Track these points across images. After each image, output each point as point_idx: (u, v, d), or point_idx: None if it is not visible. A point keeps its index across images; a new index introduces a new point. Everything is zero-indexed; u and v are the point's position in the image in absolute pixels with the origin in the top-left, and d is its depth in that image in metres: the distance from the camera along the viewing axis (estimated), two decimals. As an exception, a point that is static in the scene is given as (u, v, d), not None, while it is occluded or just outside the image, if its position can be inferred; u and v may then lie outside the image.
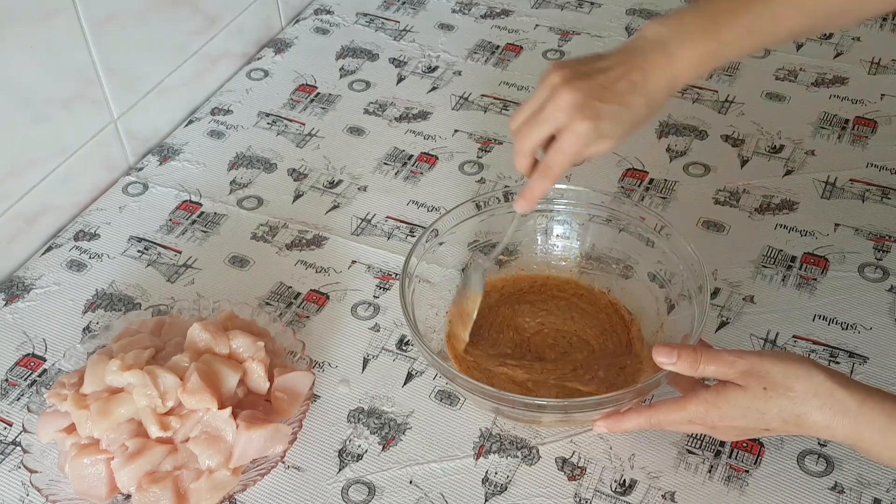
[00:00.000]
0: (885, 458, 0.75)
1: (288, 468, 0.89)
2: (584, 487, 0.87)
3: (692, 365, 0.78)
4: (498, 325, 0.99)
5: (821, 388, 0.74)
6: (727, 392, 0.77)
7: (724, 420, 0.78)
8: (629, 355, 0.96)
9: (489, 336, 0.98)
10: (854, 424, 0.74)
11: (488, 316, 1.00)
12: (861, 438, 0.74)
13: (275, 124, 1.28)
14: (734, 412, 0.77)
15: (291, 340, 0.96)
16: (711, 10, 0.85)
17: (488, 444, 0.90)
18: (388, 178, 1.19)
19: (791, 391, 0.75)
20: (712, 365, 0.78)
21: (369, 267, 1.08)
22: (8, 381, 0.97)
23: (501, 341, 0.98)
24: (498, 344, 0.97)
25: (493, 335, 0.98)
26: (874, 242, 1.08)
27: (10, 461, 0.90)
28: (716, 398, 0.78)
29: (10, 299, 1.06)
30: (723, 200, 1.14)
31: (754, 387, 0.76)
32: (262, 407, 0.89)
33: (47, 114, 1.09)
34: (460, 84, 1.34)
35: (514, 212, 0.92)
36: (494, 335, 0.98)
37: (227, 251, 1.11)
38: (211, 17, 1.30)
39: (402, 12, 1.48)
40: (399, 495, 0.87)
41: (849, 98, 1.27)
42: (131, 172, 1.22)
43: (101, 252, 1.11)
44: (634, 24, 1.43)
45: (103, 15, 1.12)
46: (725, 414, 0.78)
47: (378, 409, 0.94)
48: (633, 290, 1.01)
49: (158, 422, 0.84)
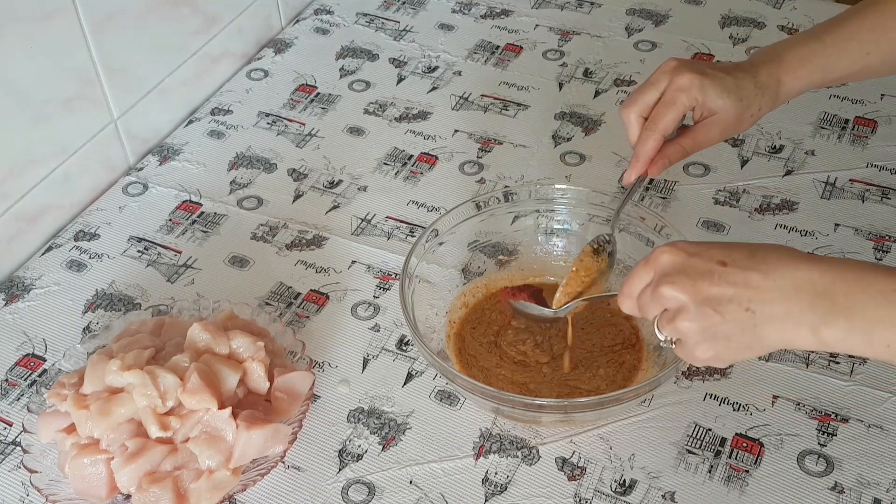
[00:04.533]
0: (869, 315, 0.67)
1: (288, 468, 0.89)
2: (584, 487, 0.87)
3: None
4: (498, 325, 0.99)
5: None
6: None
7: (675, 268, 0.71)
8: (631, 350, 0.96)
9: (489, 333, 0.98)
10: (827, 265, 0.68)
11: (489, 314, 1.00)
12: (834, 282, 0.67)
13: (275, 124, 1.28)
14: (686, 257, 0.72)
15: (291, 340, 0.96)
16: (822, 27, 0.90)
17: (488, 444, 0.90)
18: (388, 178, 1.19)
19: None
20: None
21: (369, 267, 1.08)
22: (8, 381, 0.97)
23: (501, 341, 0.98)
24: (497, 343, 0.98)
25: (492, 333, 0.99)
26: (874, 242, 1.08)
27: (10, 461, 0.90)
28: None
29: (10, 299, 1.06)
30: (723, 200, 1.14)
31: None
32: (262, 407, 0.89)
33: (47, 114, 1.09)
34: (460, 84, 1.34)
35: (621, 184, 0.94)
36: (494, 333, 0.98)
37: (227, 251, 1.11)
38: (211, 17, 1.30)
39: (402, 12, 1.48)
40: (399, 495, 0.87)
41: (849, 98, 1.27)
42: (131, 172, 1.22)
43: (101, 252, 1.11)
44: (634, 25, 1.43)
45: (103, 15, 1.12)
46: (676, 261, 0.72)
47: (378, 409, 0.94)
48: (633, 290, 1.01)
49: (158, 422, 0.84)
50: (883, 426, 0.90)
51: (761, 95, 0.88)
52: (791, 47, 0.90)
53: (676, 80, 0.86)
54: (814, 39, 0.90)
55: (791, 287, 0.68)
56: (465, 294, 1.03)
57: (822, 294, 0.67)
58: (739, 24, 1.42)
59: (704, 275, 0.70)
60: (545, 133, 1.25)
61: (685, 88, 0.86)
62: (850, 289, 0.67)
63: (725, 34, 1.40)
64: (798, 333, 0.68)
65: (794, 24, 1.41)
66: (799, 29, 1.40)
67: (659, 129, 0.88)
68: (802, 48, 0.90)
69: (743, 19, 1.43)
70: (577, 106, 1.29)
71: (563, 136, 1.24)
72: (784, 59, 0.89)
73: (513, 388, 0.93)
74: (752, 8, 1.45)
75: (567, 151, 1.22)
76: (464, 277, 1.04)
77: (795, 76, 0.89)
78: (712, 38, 1.39)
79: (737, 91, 0.87)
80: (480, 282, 1.04)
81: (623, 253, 1.02)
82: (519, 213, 1.04)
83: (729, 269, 0.70)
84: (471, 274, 1.04)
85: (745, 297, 0.69)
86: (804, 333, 0.68)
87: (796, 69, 0.89)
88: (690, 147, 0.90)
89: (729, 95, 0.87)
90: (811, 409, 0.92)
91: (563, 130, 1.25)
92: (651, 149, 0.88)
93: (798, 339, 0.69)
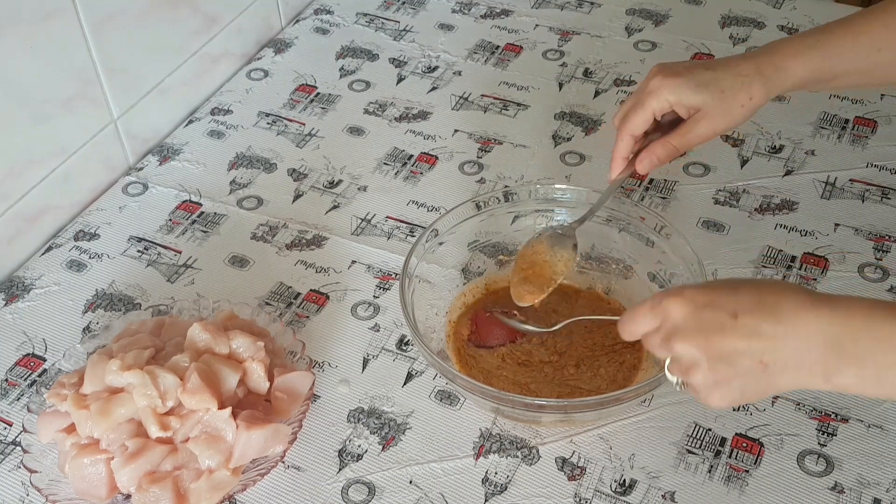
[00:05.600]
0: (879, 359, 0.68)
1: (288, 468, 0.89)
2: (584, 487, 0.87)
3: None
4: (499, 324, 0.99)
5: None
6: None
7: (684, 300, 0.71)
8: (631, 349, 0.96)
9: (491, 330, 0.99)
10: (834, 310, 0.69)
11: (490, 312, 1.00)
12: (845, 328, 0.68)
13: (275, 124, 1.28)
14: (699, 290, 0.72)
15: (291, 340, 0.96)
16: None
17: (488, 444, 0.90)
18: (388, 178, 1.19)
19: None
20: None
21: (369, 267, 1.08)
22: (8, 381, 0.97)
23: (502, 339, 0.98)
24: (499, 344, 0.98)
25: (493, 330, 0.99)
26: (874, 242, 1.08)
27: (10, 461, 0.90)
28: None
29: (10, 299, 1.06)
30: (723, 200, 1.14)
31: None
32: (262, 407, 0.89)
33: (47, 114, 1.09)
34: (460, 84, 1.34)
35: None
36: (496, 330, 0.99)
37: (227, 251, 1.11)
38: (211, 17, 1.30)
39: (402, 12, 1.48)
40: (399, 495, 0.87)
41: (849, 98, 1.27)
42: (131, 172, 1.22)
43: (101, 252, 1.11)
44: (634, 25, 1.43)
45: (103, 15, 1.12)
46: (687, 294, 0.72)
47: (378, 409, 0.94)
48: (633, 290, 1.01)
49: (158, 422, 0.84)
50: (883, 426, 0.90)
51: (748, 84, 0.88)
52: (792, 38, 0.91)
53: (648, 84, 0.90)
54: (819, 31, 0.90)
55: (803, 335, 0.68)
56: (465, 294, 1.03)
57: (831, 343, 0.68)
58: (739, 24, 1.42)
59: (717, 330, 0.69)
60: (545, 133, 1.25)
61: (654, 91, 0.88)
62: (859, 335, 0.67)
63: (725, 34, 1.40)
64: (811, 380, 0.69)
65: (794, 24, 1.41)
66: (799, 29, 1.40)
67: (627, 130, 0.91)
68: (806, 37, 0.89)
69: (743, 19, 1.43)
70: (577, 106, 1.29)
71: (563, 136, 1.24)
72: (781, 47, 0.89)
73: (513, 389, 0.93)
74: (752, 8, 1.45)
75: (567, 151, 1.22)
76: (464, 277, 1.04)
77: (795, 62, 0.88)
78: (712, 38, 1.39)
79: (714, 83, 0.87)
80: (480, 282, 1.04)
81: (623, 253, 1.02)
82: (519, 213, 1.04)
83: (740, 320, 0.69)
84: (471, 274, 1.04)
85: (759, 349, 0.69)
86: (818, 381, 0.69)
87: (795, 56, 0.88)
88: (680, 144, 0.90)
89: (706, 89, 0.87)
90: (811, 409, 0.92)
91: (563, 130, 1.25)
92: (622, 148, 0.93)
93: (812, 384, 0.70)
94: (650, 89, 0.89)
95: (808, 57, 0.89)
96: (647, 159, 0.92)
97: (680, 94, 0.88)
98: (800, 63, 0.88)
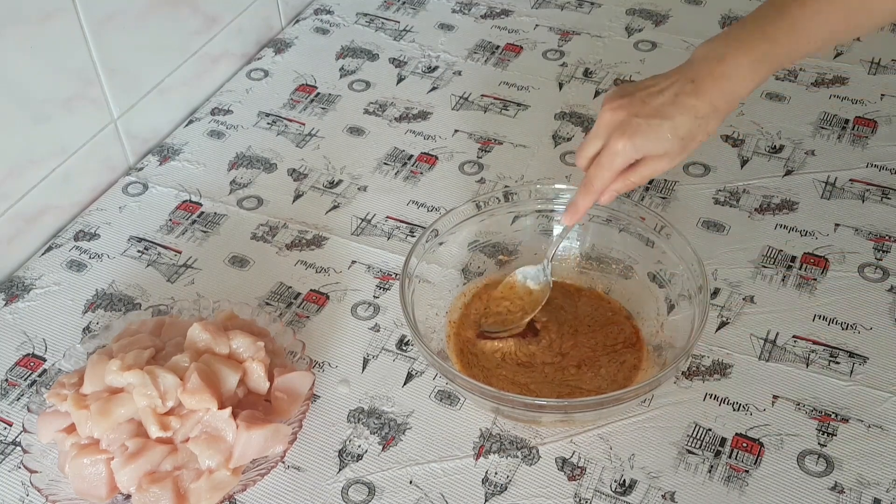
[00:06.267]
0: None
1: (288, 468, 0.89)
2: (584, 487, 0.87)
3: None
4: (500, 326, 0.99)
5: None
6: None
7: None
8: (631, 349, 0.96)
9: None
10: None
11: (491, 313, 1.00)
12: None
13: (275, 124, 1.28)
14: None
15: (291, 340, 0.96)
16: (758, 16, 0.88)
17: (488, 444, 0.90)
18: (388, 178, 1.19)
19: None
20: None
21: (369, 267, 1.08)
22: (8, 381, 0.97)
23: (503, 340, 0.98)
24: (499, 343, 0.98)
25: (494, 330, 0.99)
26: (874, 242, 1.08)
27: (10, 461, 0.90)
28: None
29: (10, 299, 1.06)
30: (723, 200, 1.14)
31: None
32: (262, 407, 0.89)
33: (47, 114, 1.09)
34: (460, 84, 1.34)
35: (559, 222, 0.99)
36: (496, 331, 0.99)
37: (227, 251, 1.11)
38: (211, 17, 1.30)
39: (402, 12, 1.48)
40: (399, 495, 0.87)
41: (849, 98, 1.27)
42: (131, 172, 1.22)
43: (101, 252, 1.11)
44: (634, 24, 1.43)
45: (103, 15, 1.12)
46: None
47: (378, 409, 0.94)
48: (633, 290, 1.01)
49: (158, 422, 0.84)
50: (883, 426, 0.90)
51: (705, 124, 0.87)
52: (737, 54, 0.87)
53: (611, 145, 0.87)
54: (761, 38, 0.87)
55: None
56: (465, 294, 1.03)
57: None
58: (739, 24, 1.42)
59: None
60: (545, 133, 1.25)
61: (619, 153, 0.87)
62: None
63: (725, 34, 1.40)
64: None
65: (794, 24, 1.41)
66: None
67: (595, 191, 0.90)
68: (753, 47, 0.87)
69: (743, 19, 1.43)
70: (577, 106, 1.29)
71: (563, 136, 1.24)
72: (732, 76, 0.87)
73: (513, 388, 0.93)
74: (752, 8, 1.43)
75: (567, 151, 1.22)
76: (464, 277, 1.04)
77: (746, 83, 0.87)
78: (712, 38, 1.39)
79: (674, 132, 0.86)
80: (480, 282, 1.04)
81: (623, 253, 1.02)
82: (519, 213, 1.04)
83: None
84: (471, 274, 1.04)
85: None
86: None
87: (745, 78, 0.87)
88: (638, 179, 0.90)
89: (668, 141, 0.87)
90: (811, 409, 0.92)
91: (563, 130, 1.25)
92: (588, 205, 0.92)
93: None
94: (615, 151, 0.87)
95: (759, 72, 0.87)
96: (609, 194, 0.91)
97: (646, 151, 0.87)
98: (751, 82, 0.87)
